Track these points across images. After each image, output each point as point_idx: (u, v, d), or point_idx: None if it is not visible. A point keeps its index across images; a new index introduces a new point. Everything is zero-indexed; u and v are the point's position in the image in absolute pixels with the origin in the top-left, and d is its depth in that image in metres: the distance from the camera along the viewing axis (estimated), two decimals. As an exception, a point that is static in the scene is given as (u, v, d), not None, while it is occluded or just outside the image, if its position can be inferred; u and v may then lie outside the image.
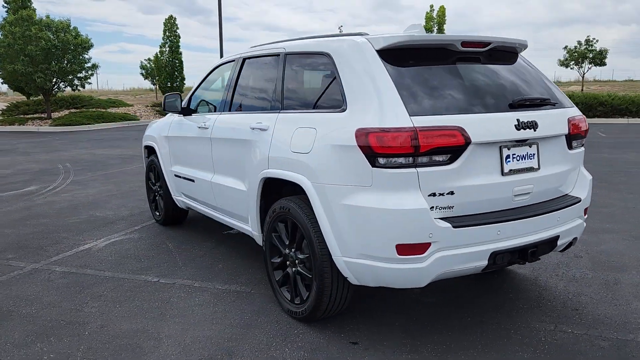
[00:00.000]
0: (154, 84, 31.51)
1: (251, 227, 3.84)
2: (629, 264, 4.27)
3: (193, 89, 4.98)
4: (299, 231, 3.20)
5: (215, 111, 4.55)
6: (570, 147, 3.28)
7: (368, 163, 2.71)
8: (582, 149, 3.44)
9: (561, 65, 33.18)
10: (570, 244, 3.32)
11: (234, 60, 4.38)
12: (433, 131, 2.66)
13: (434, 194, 2.71)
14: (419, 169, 2.67)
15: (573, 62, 32.57)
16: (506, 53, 3.36)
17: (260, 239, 3.74)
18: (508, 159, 2.94)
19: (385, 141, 2.65)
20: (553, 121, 3.14)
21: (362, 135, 2.72)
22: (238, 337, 3.13)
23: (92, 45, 21.27)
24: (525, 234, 2.94)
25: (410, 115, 2.67)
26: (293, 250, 3.32)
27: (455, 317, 3.35)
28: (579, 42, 32.12)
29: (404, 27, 3.35)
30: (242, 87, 4.19)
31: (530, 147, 3.04)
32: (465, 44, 3.04)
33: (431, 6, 30.16)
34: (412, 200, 2.67)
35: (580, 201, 3.28)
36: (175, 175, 5.13)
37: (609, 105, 20.57)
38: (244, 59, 4.21)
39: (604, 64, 31.97)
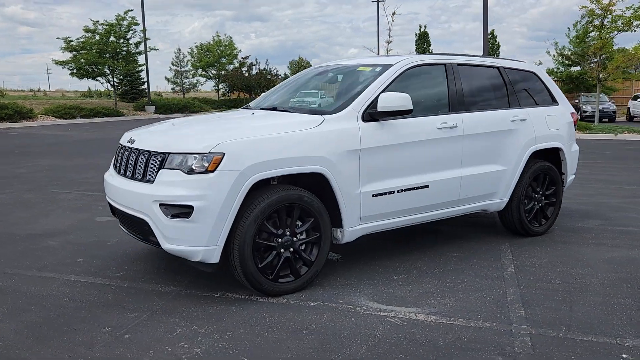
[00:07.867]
0: None
1: (500, 197, 5.05)
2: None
3: (377, 91, 4.24)
4: (548, 177, 5.42)
5: (435, 112, 4.66)
6: None
7: (574, 129, 5.71)
8: None
9: None
10: None
11: (442, 64, 4.82)
12: None
13: None
14: None
15: None
16: None
17: (504, 204, 5.11)
18: None
19: (576, 118, 5.77)
20: None
21: (574, 115, 5.71)
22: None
23: None
24: None
25: None
26: (541, 192, 5.43)
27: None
28: None
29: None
30: (466, 89, 4.89)
31: None
32: None
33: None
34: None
35: None
36: (375, 195, 4.18)
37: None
38: (457, 65, 4.91)
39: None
